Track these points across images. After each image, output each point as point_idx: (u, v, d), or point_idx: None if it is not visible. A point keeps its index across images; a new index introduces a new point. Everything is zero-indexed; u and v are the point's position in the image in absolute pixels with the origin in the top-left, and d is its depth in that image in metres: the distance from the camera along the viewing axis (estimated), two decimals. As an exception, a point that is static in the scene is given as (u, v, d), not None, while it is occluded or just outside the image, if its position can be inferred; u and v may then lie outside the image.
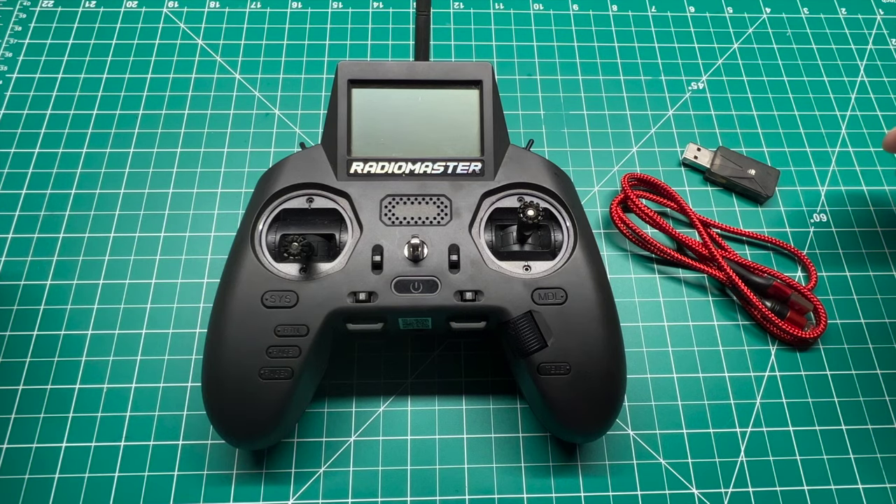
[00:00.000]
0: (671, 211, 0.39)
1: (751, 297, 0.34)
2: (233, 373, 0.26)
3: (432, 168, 0.30)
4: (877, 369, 0.34)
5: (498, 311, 0.27)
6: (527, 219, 0.27)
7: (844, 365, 0.34)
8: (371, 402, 0.32)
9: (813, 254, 0.38)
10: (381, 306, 0.27)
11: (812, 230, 0.38)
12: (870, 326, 0.36)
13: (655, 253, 0.36)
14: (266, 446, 0.29)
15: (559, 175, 0.31)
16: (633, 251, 0.37)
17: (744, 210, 0.39)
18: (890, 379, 0.34)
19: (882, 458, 0.32)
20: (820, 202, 0.39)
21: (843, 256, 0.38)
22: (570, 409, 0.27)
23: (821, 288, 0.37)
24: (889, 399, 0.34)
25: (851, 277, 0.37)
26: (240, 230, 0.29)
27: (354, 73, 0.31)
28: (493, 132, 0.30)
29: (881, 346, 0.35)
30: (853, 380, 0.34)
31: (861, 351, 0.35)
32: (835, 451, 0.32)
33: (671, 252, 0.36)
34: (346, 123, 0.30)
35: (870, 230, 0.39)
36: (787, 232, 0.38)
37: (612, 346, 0.27)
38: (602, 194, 0.39)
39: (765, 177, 0.39)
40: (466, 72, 0.31)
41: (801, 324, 0.35)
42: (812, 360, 0.34)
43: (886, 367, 0.34)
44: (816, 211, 0.39)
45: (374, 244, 0.28)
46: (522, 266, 0.29)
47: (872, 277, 0.37)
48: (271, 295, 0.27)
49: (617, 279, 0.36)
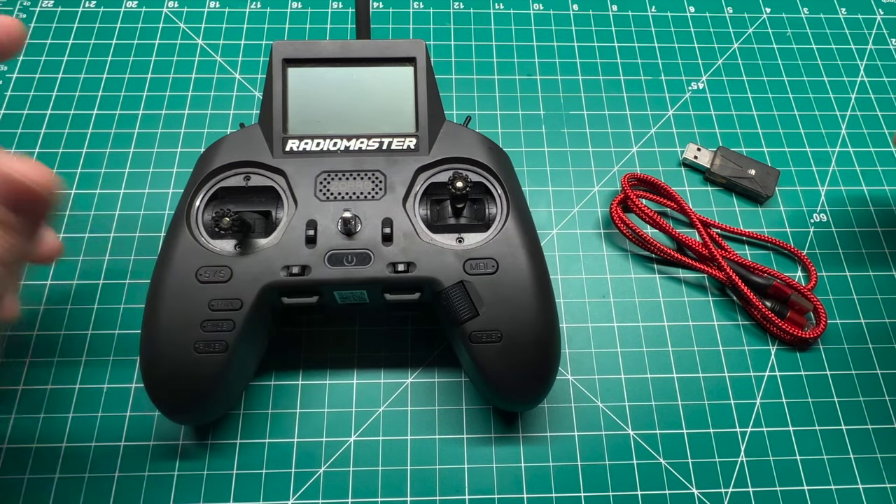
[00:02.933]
0: (671, 211, 0.39)
1: (751, 297, 0.34)
2: (168, 347, 0.27)
3: (367, 144, 0.31)
4: (877, 369, 0.34)
5: (430, 282, 0.28)
6: (456, 190, 0.28)
7: (844, 365, 0.34)
8: (371, 401, 0.33)
9: (813, 254, 0.38)
10: (314, 279, 0.28)
11: (812, 230, 0.38)
12: (870, 326, 0.36)
13: (655, 253, 0.36)
14: (208, 421, 0.30)
15: (493, 149, 0.32)
16: (633, 251, 0.37)
17: (744, 210, 0.39)
18: (890, 379, 0.34)
19: (882, 458, 0.32)
20: (820, 202, 0.39)
21: (843, 256, 0.38)
22: (502, 377, 0.28)
23: (821, 288, 0.37)
24: (889, 399, 0.34)
25: (851, 277, 0.37)
26: (177, 209, 0.29)
27: (289, 52, 0.31)
28: (427, 108, 0.31)
29: (881, 346, 0.35)
30: (853, 380, 0.34)
31: (861, 351, 0.35)
32: (835, 451, 0.32)
33: (671, 252, 0.36)
34: (282, 102, 0.31)
35: (870, 230, 0.39)
36: (787, 232, 0.38)
37: (543, 315, 0.28)
38: (602, 194, 0.39)
39: (765, 177, 0.39)
40: (400, 49, 0.32)
41: (801, 324, 0.35)
42: (812, 360, 0.35)
43: (886, 367, 0.34)
44: (816, 211, 0.39)
45: (308, 219, 0.29)
46: (456, 238, 0.29)
47: (872, 277, 0.37)
48: (205, 270, 0.27)
49: (617, 279, 0.36)
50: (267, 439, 0.31)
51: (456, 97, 0.42)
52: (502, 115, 0.42)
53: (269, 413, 0.32)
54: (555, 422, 0.32)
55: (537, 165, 0.40)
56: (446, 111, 0.39)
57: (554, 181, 0.39)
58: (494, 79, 0.43)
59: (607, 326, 0.35)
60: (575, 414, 0.33)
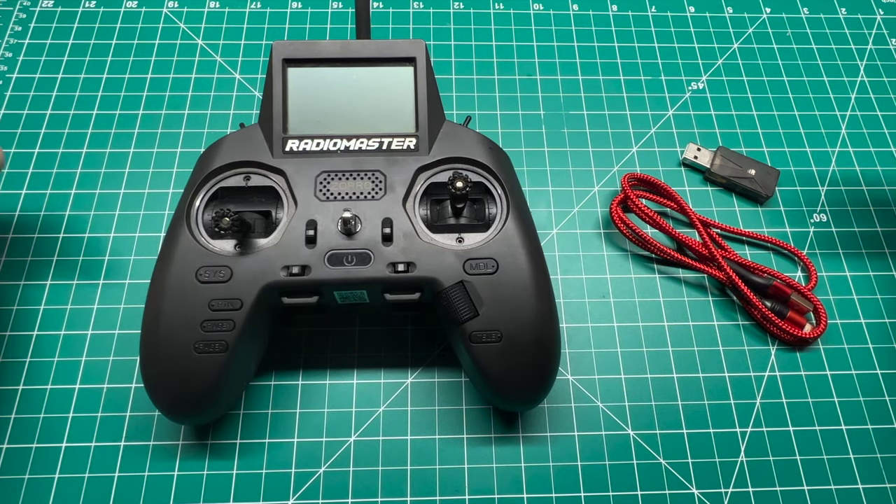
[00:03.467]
0: (671, 211, 0.39)
1: (751, 297, 0.34)
2: (168, 347, 0.27)
3: (367, 144, 0.31)
4: (877, 369, 0.34)
5: (430, 282, 0.28)
6: (455, 190, 0.28)
7: (844, 365, 0.34)
8: (371, 401, 0.33)
9: (813, 254, 0.38)
10: (314, 279, 0.28)
11: (812, 230, 0.38)
12: (870, 326, 0.36)
13: (655, 253, 0.36)
14: (208, 421, 0.30)
15: (493, 149, 0.32)
16: (633, 251, 0.37)
17: (744, 210, 0.39)
18: (890, 379, 0.34)
19: (882, 458, 0.32)
20: (820, 202, 0.39)
21: (843, 256, 0.38)
22: (502, 377, 0.28)
23: (821, 288, 0.37)
24: (889, 399, 0.34)
25: (851, 277, 0.37)
26: (177, 209, 0.29)
27: (289, 52, 0.31)
28: (427, 108, 0.31)
29: (881, 346, 0.35)
30: (853, 380, 0.34)
31: (861, 351, 0.35)
32: (835, 451, 0.32)
33: (671, 252, 0.36)
34: (282, 102, 0.31)
35: (870, 230, 0.39)
36: (787, 232, 0.38)
37: (543, 315, 0.28)
38: (602, 194, 0.39)
39: (765, 177, 0.39)
40: (400, 49, 0.32)
41: (801, 324, 0.35)
42: (812, 360, 0.34)
43: (886, 367, 0.34)
44: (816, 211, 0.39)
45: (308, 219, 0.29)
46: (456, 238, 0.29)
47: (872, 277, 0.37)
48: (206, 270, 0.27)
49: (617, 279, 0.36)
50: (267, 439, 0.31)
51: (456, 97, 0.42)
52: (502, 115, 0.42)
53: (269, 413, 0.32)
54: (555, 422, 0.32)
55: (537, 165, 0.40)
56: (446, 111, 0.39)
57: (554, 181, 0.39)
58: (494, 79, 0.43)
59: (607, 326, 0.35)
60: (575, 414, 0.33)
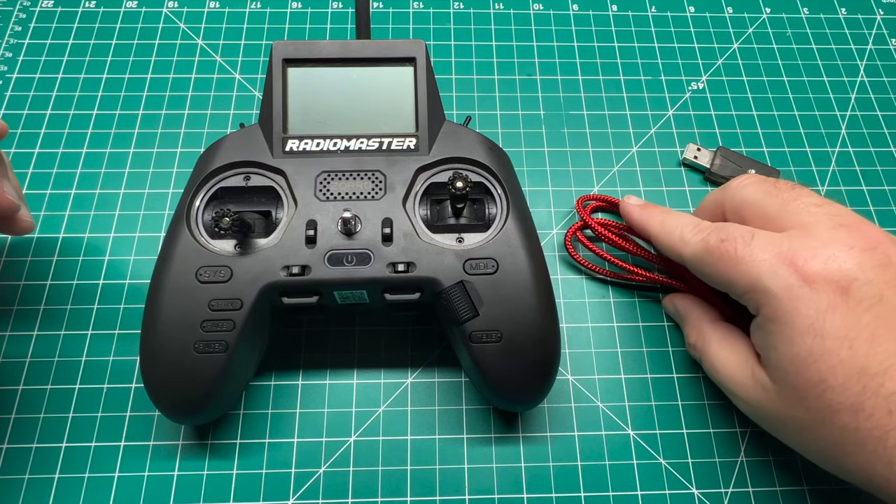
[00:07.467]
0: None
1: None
2: (168, 347, 0.27)
3: (367, 144, 0.31)
4: (877, 369, 0.34)
5: (430, 282, 0.28)
6: (455, 190, 0.28)
7: (844, 365, 0.34)
8: (371, 401, 0.33)
9: (813, 254, 0.38)
10: (314, 279, 0.28)
11: (812, 230, 0.38)
12: (870, 326, 0.36)
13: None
14: (208, 421, 0.30)
15: (493, 149, 0.32)
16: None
17: (744, 210, 0.39)
18: (890, 379, 0.34)
19: (882, 458, 0.32)
20: (820, 202, 0.39)
21: (843, 256, 0.38)
22: (502, 377, 0.28)
23: (821, 288, 0.37)
24: (889, 399, 0.34)
25: (851, 277, 0.37)
26: (177, 209, 0.29)
27: (289, 52, 0.31)
28: (427, 108, 0.31)
29: (881, 346, 0.35)
30: (853, 380, 0.34)
31: (861, 351, 0.35)
32: (835, 451, 0.32)
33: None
34: (282, 102, 0.31)
35: (870, 230, 0.38)
36: (787, 232, 0.38)
37: (543, 315, 0.28)
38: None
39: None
40: (400, 49, 0.32)
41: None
42: (812, 360, 0.34)
43: (886, 367, 0.34)
44: (816, 211, 0.39)
45: (308, 219, 0.29)
46: (456, 238, 0.29)
47: (872, 277, 0.37)
48: (206, 270, 0.27)
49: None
50: (267, 439, 0.31)
51: (456, 97, 0.42)
52: (502, 115, 0.42)
53: (269, 413, 0.32)
54: (555, 422, 0.32)
55: (537, 165, 0.40)
56: (446, 111, 0.38)
57: (554, 181, 0.39)
58: (494, 79, 0.43)
59: (607, 326, 0.35)
60: (575, 414, 0.33)
